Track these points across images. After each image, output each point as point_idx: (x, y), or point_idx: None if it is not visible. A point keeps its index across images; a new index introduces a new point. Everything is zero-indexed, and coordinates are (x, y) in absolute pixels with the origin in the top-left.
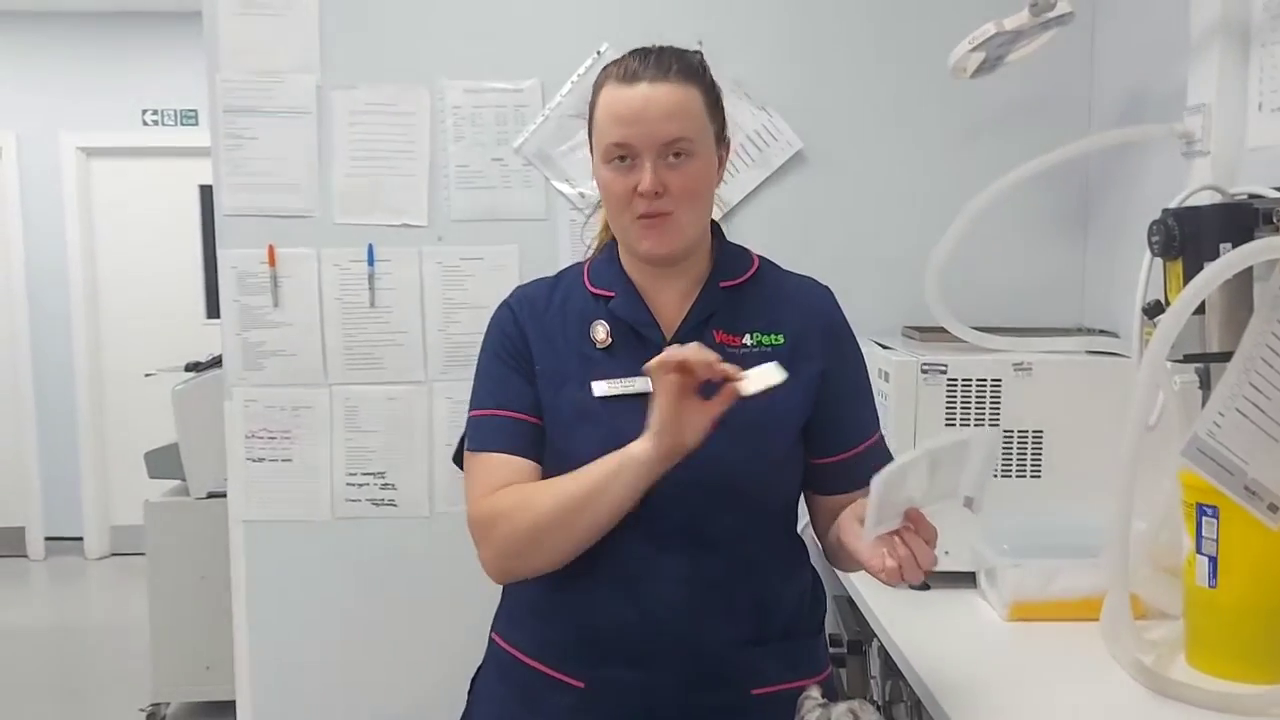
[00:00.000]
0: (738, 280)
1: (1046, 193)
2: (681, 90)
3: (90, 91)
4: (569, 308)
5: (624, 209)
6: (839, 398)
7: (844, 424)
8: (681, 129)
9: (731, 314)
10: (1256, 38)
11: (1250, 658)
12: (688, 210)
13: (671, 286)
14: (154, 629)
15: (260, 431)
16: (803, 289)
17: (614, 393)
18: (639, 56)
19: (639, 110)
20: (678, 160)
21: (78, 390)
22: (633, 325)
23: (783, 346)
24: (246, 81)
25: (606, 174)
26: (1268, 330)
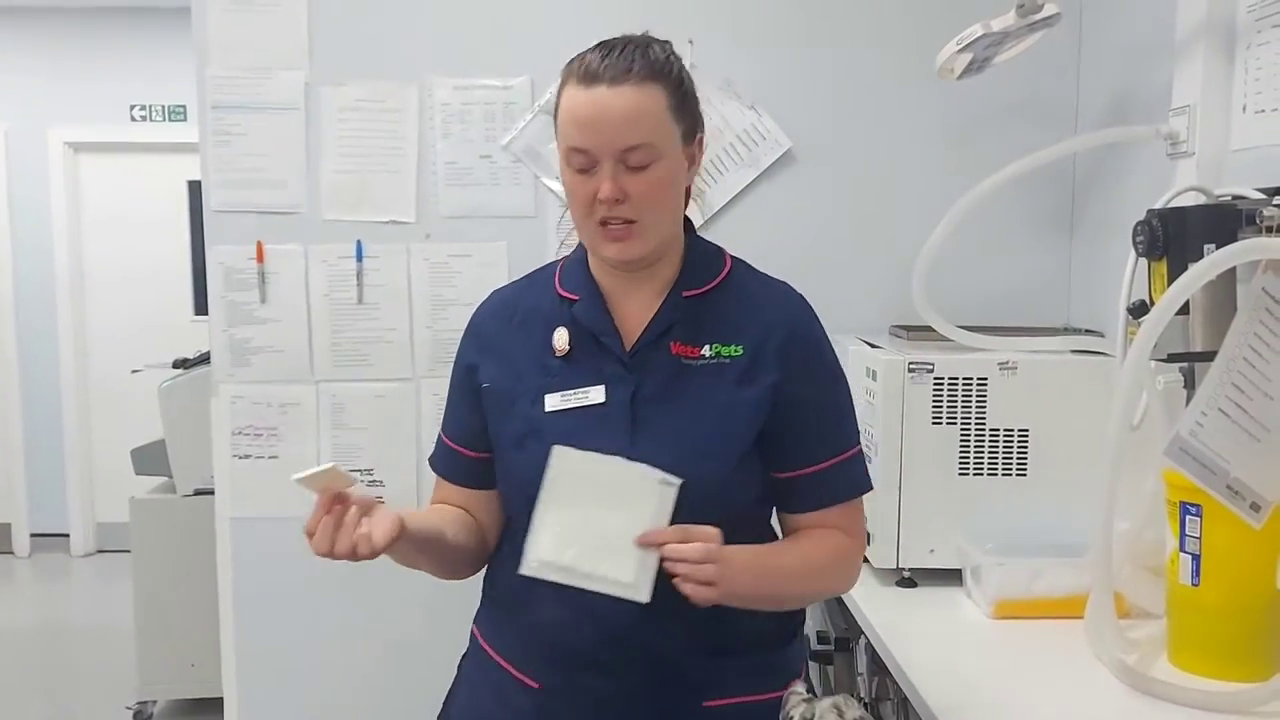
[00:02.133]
0: (704, 288)
1: (1033, 193)
2: (642, 92)
3: (78, 86)
4: (536, 313)
5: (587, 215)
6: (799, 410)
7: (805, 438)
8: (641, 135)
9: (693, 324)
10: (1241, 40)
11: (1232, 656)
12: (651, 216)
13: (638, 292)
14: (140, 627)
15: (247, 428)
16: (772, 296)
17: (565, 406)
18: (601, 52)
19: (596, 115)
20: (638, 166)
21: (64, 386)
22: (594, 333)
23: (741, 357)
24: (235, 77)
25: (568, 177)
26: (1250, 330)
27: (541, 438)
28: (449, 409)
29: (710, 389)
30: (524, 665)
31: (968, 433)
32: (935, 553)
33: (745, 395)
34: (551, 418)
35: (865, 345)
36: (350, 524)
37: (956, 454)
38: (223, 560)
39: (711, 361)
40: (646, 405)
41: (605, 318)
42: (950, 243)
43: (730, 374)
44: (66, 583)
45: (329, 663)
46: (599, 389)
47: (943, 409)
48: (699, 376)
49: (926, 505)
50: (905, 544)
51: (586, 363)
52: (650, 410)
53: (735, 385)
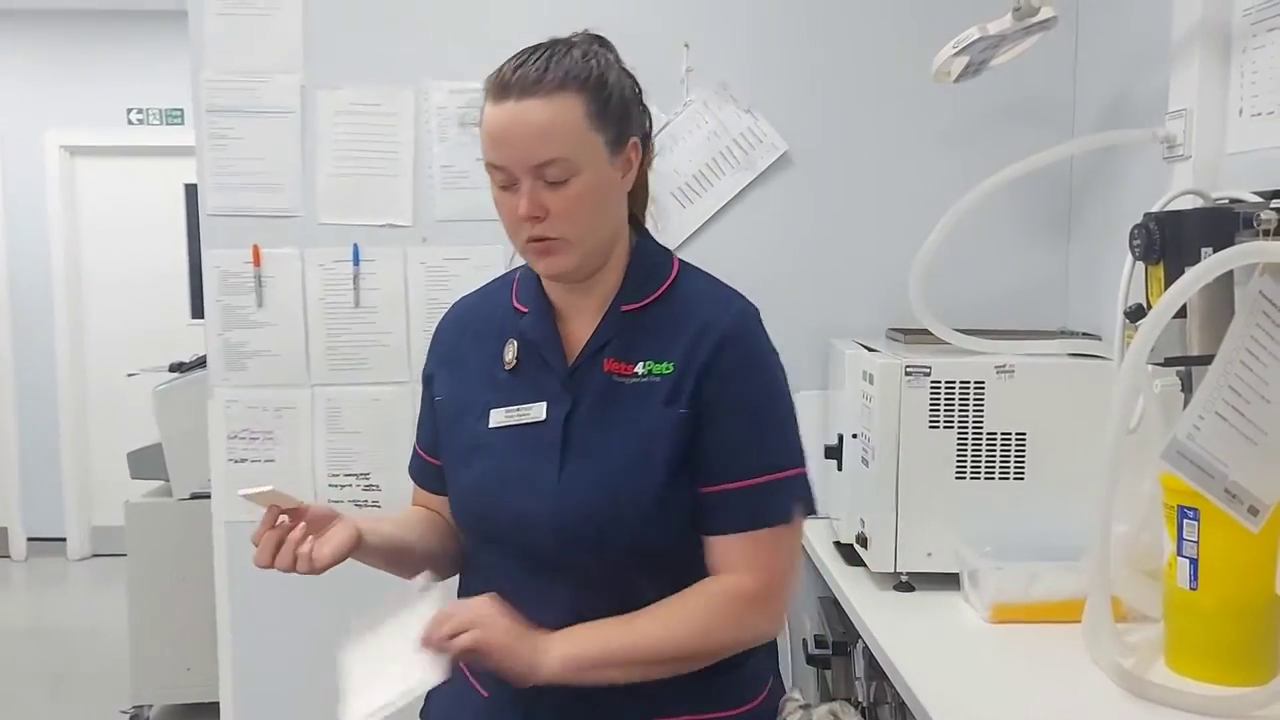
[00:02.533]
0: (642, 302)
1: (1030, 196)
2: (553, 104)
3: (75, 90)
4: (491, 324)
5: (514, 232)
6: (718, 422)
7: (723, 453)
8: (554, 149)
9: (628, 340)
10: (1237, 43)
11: (1230, 660)
12: (575, 231)
13: (583, 306)
14: (135, 631)
15: (243, 432)
16: (712, 306)
17: (509, 423)
18: (515, 61)
19: (505, 131)
20: (556, 181)
21: (60, 390)
22: (538, 348)
23: (670, 375)
24: (231, 81)
25: (496, 195)
26: (1247, 334)
27: (486, 454)
28: (420, 421)
29: (638, 410)
30: (475, 673)
31: (965, 436)
32: (932, 557)
33: (669, 415)
34: (495, 434)
35: (862, 349)
36: (292, 540)
37: (953, 457)
38: (219, 564)
39: (643, 380)
40: (578, 426)
41: (551, 333)
42: (947, 246)
43: (659, 393)
44: (62, 586)
45: (325, 667)
46: (541, 406)
47: (940, 412)
48: (629, 396)
49: (923, 509)
50: (902, 548)
51: (532, 378)
52: (581, 431)
53: (662, 405)
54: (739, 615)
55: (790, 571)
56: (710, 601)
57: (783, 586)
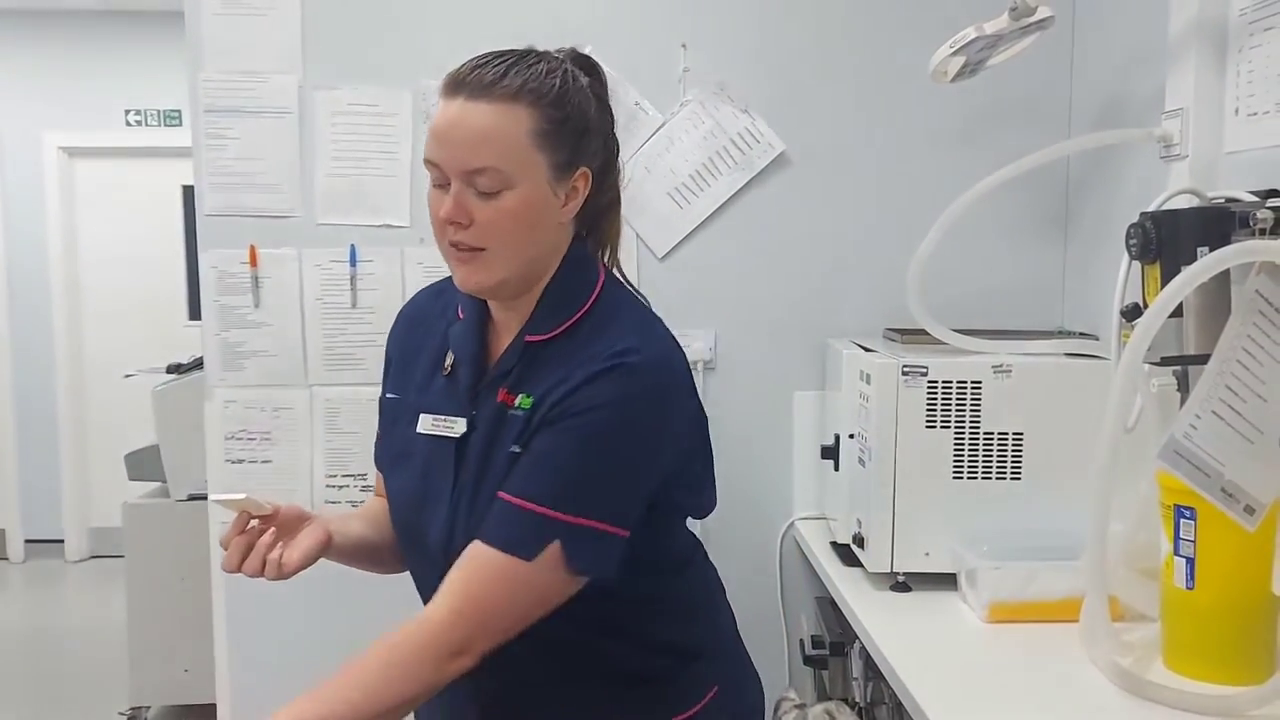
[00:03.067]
0: (548, 334)
1: (1027, 196)
2: (500, 113)
3: (73, 91)
4: (435, 325)
5: (439, 234)
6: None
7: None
8: (488, 158)
9: (524, 372)
10: (1233, 43)
11: (1227, 659)
12: (499, 248)
13: (508, 322)
14: (133, 632)
15: (240, 433)
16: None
17: (433, 432)
18: (477, 63)
19: (446, 129)
20: (487, 191)
21: (58, 392)
22: (460, 359)
23: (527, 411)
24: (228, 81)
25: (429, 192)
26: (1244, 333)
27: (408, 463)
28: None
29: (500, 444)
30: None
31: (962, 436)
32: (930, 556)
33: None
34: (419, 441)
35: (859, 349)
36: (262, 546)
37: (950, 457)
38: (216, 565)
39: (515, 413)
40: (471, 447)
41: (473, 347)
42: (944, 246)
43: (514, 429)
44: (60, 588)
45: (323, 669)
46: (462, 422)
47: (937, 412)
48: (507, 428)
49: (921, 509)
50: (899, 548)
51: (458, 389)
52: (473, 453)
53: (513, 442)
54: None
55: (496, 613)
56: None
57: (477, 621)
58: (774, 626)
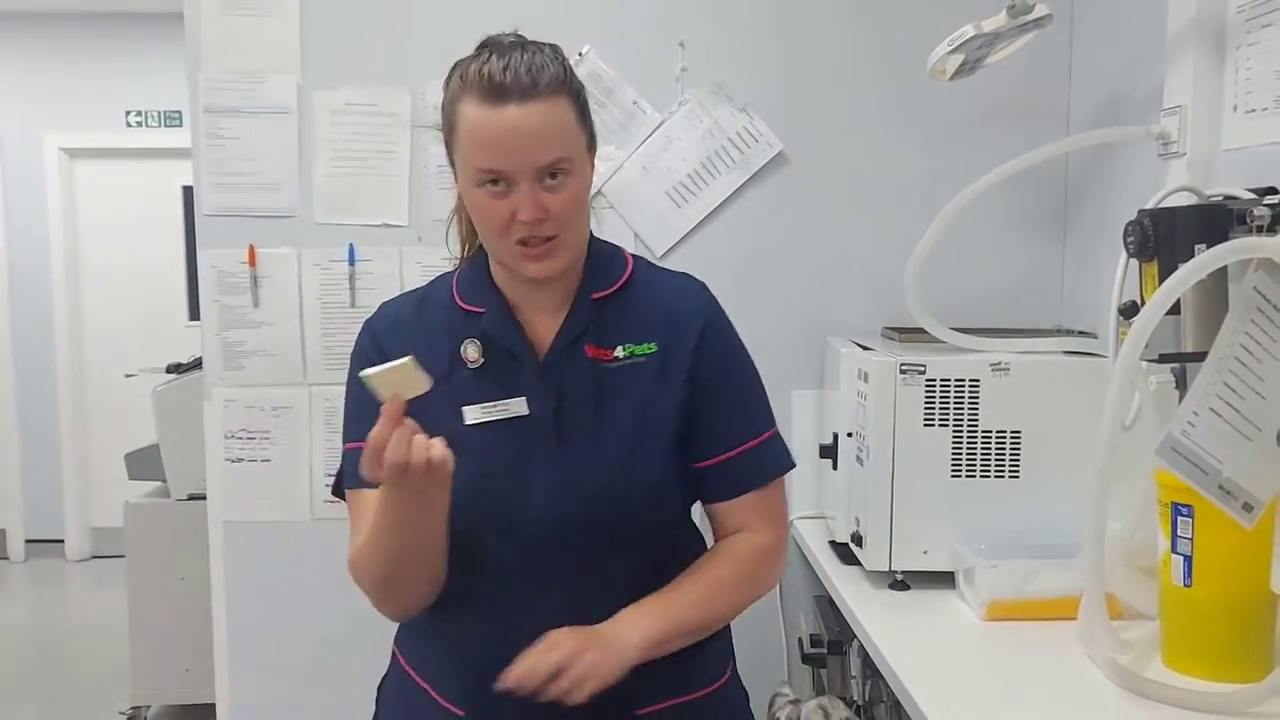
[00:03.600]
0: (609, 290)
1: (1026, 194)
2: (553, 106)
3: (73, 92)
4: (437, 326)
5: (502, 235)
6: (714, 398)
7: (721, 425)
8: (558, 150)
9: (603, 327)
10: (1231, 40)
11: (1225, 657)
12: (570, 230)
13: (544, 300)
14: (134, 631)
15: (239, 432)
16: (676, 291)
17: (486, 419)
18: (501, 63)
19: (510, 136)
20: (555, 181)
21: (59, 392)
22: (505, 344)
23: (655, 354)
24: (228, 81)
25: (480, 198)
26: (1241, 330)
27: (467, 453)
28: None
29: (629, 390)
30: (448, 691)
31: (960, 434)
32: (928, 555)
33: (663, 391)
34: (473, 432)
35: (857, 347)
36: (422, 440)
37: (949, 456)
38: (215, 564)
39: (626, 362)
40: (568, 414)
41: (514, 329)
42: (943, 244)
43: (647, 372)
44: (61, 588)
45: (323, 667)
46: (520, 400)
47: (935, 411)
48: (616, 379)
49: (919, 507)
50: (898, 546)
51: (501, 375)
52: (574, 418)
53: (653, 383)
54: (763, 569)
55: (787, 521)
56: (741, 561)
57: (787, 536)
58: (772, 625)
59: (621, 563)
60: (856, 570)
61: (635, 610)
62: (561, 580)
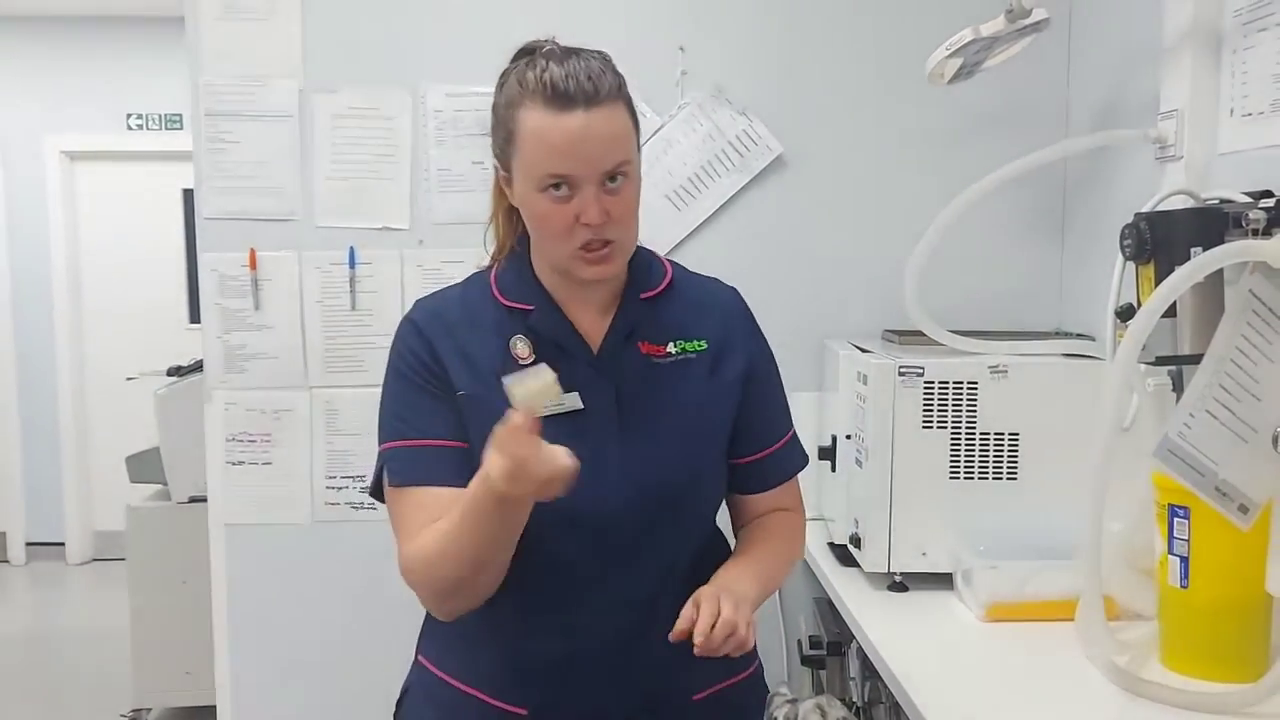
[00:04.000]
0: (655, 290)
1: (1024, 197)
2: (615, 112)
3: (74, 95)
4: (482, 322)
5: (564, 239)
6: (758, 397)
7: (761, 423)
8: (620, 154)
9: (653, 324)
10: (1228, 44)
11: (1223, 657)
12: (626, 233)
13: (590, 298)
14: (135, 634)
15: (240, 434)
16: (715, 292)
17: (545, 413)
18: (562, 70)
19: (578, 142)
20: (615, 184)
21: (60, 394)
22: (557, 341)
23: (706, 351)
24: (228, 85)
25: (541, 204)
26: (1237, 332)
27: None
28: (413, 411)
29: (684, 385)
30: (503, 694)
31: (958, 436)
32: (927, 556)
33: (717, 385)
34: None
35: (856, 350)
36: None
37: (947, 458)
38: (216, 567)
39: (679, 358)
40: (629, 407)
41: (566, 325)
42: (941, 247)
43: (699, 368)
44: (62, 591)
45: (323, 670)
46: (574, 395)
47: (933, 413)
48: (669, 374)
49: (917, 509)
50: (896, 548)
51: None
52: (633, 412)
53: (707, 379)
54: (799, 543)
55: None
56: (786, 535)
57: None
58: (772, 626)
59: (673, 551)
60: (855, 572)
61: (735, 569)
62: (617, 570)
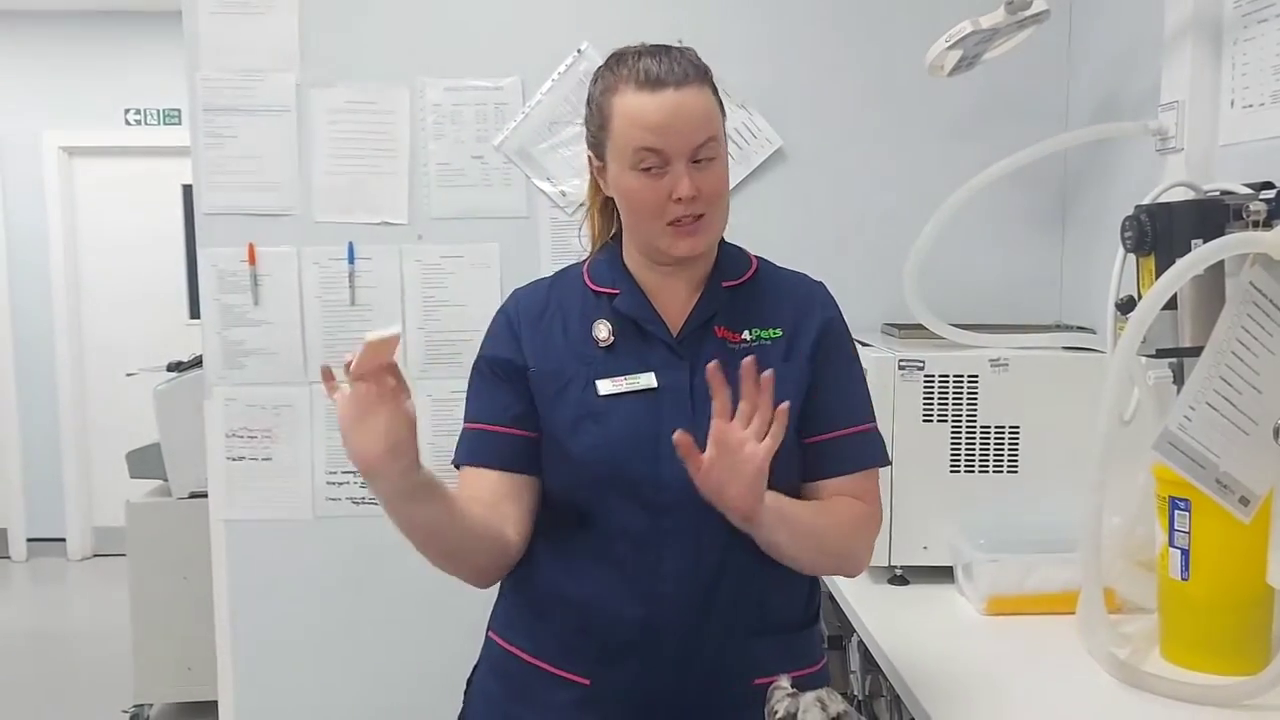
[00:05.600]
0: (739, 280)
1: (1024, 190)
2: (703, 92)
3: (73, 90)
4: (569, 307)
5: (656, 215)
6: (827, 380)
7: (833, 403)
8: (709, 130)
9: (733, 312)
10: (1228, 35)
11: (1223, 650)
12: (717, 209)
13: (676, 284)
14: (136, 630)
15: (241, 430)
16: (801, 285)
17: (618, 390)
18: (654, 58)
19: (670, 117)
20: (705, 162)
21: (60, 390)
22: (637, 321)
23: (780, 338)
24: (226, 80)
25: (635, 182)
26: (1238, 324)
27: (601, 420)
28: (481, 398)
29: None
30: (567, 663)
31: (959, 430)
32: (927, 550)
33: (790, 369)
34: (607, 402)
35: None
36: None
37: (948, 451)
38: (217, 562)
39: (754, 345)
40: (703, 387)
41: (649, 307)
42: (941, 240)
43: (774, 353)
44: (63, 587)
45: (325, 665)
46: (649, 375)
47: (934, 406)
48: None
49: (918, 502)
50: (897, 541)
51: (631, 352)
52: (701, 392)
53: (780, 363)
54: (863, 531)
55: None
56: (856, 514)
57: (880, 520)
58: None
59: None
60: None
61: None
62: (682, 548)
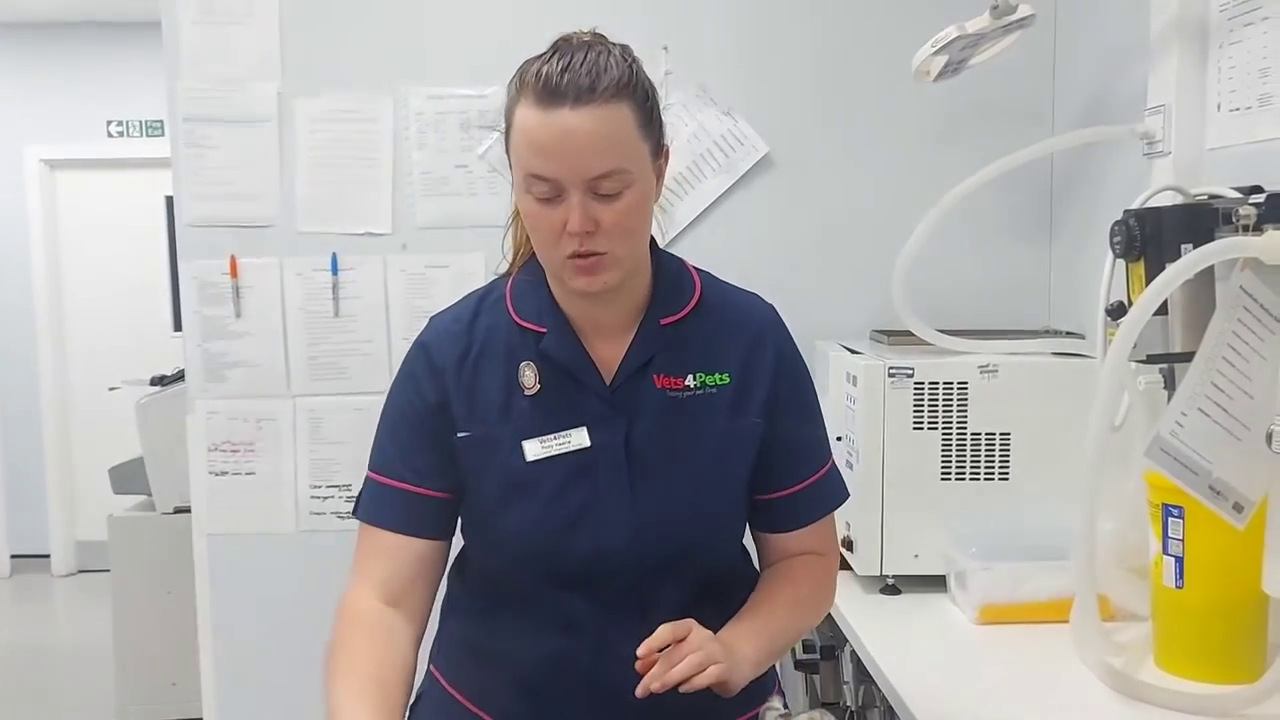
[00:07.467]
0: (679, 314)
1: (1012, 195)
2: (610, 112)
3: (54, 103)
4: (493, 346)
5: (552, 245)
6: (786, 433)
7: (790, 456)
8: (612, 161)
9: (673, 354)
10: (1214, 39)
11: (1218, 658)
12: (622, 245)
13: (608, 319)
14: (119, 646)
15: (223, 444)
16: (746, 312)
17: (547, 454)
18: (561, 64)
19: (559, 142)
20: (609, 194)
21: (43, 405)
22: (568, 368)
23: (728, 385)
24: (207, 90)
25: (529, 205)
26: (1229, 329)
27: (531, 492)
28: (398, 448)
29: (702, 423)
30: (499, 711)
31: (949, 437)
32: (919, 558)
33: (739, 425)
34: (536, 469)
35: (845, 350)
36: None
37: (938, 459)
38: (200, 577)
39: (698, 392)
40: (640, 446)
41: (580, 352)
42: (929, 246)
43: (720, 404)
44: (47, 603)
45: (308, 680)
46: (581, 431)
47: (924, 414)
48: (688, 410)
49: (909, 511)
50: (888, 550)
51: (560, 402)
52: (645, 451)
53: (729, 416)
54: (829, 591)
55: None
56: (816, 577)
57: (838, 562)
58: None
59: (686, 597)
60: (848, 574)
61: (739, 628)
62: (623, 605)
